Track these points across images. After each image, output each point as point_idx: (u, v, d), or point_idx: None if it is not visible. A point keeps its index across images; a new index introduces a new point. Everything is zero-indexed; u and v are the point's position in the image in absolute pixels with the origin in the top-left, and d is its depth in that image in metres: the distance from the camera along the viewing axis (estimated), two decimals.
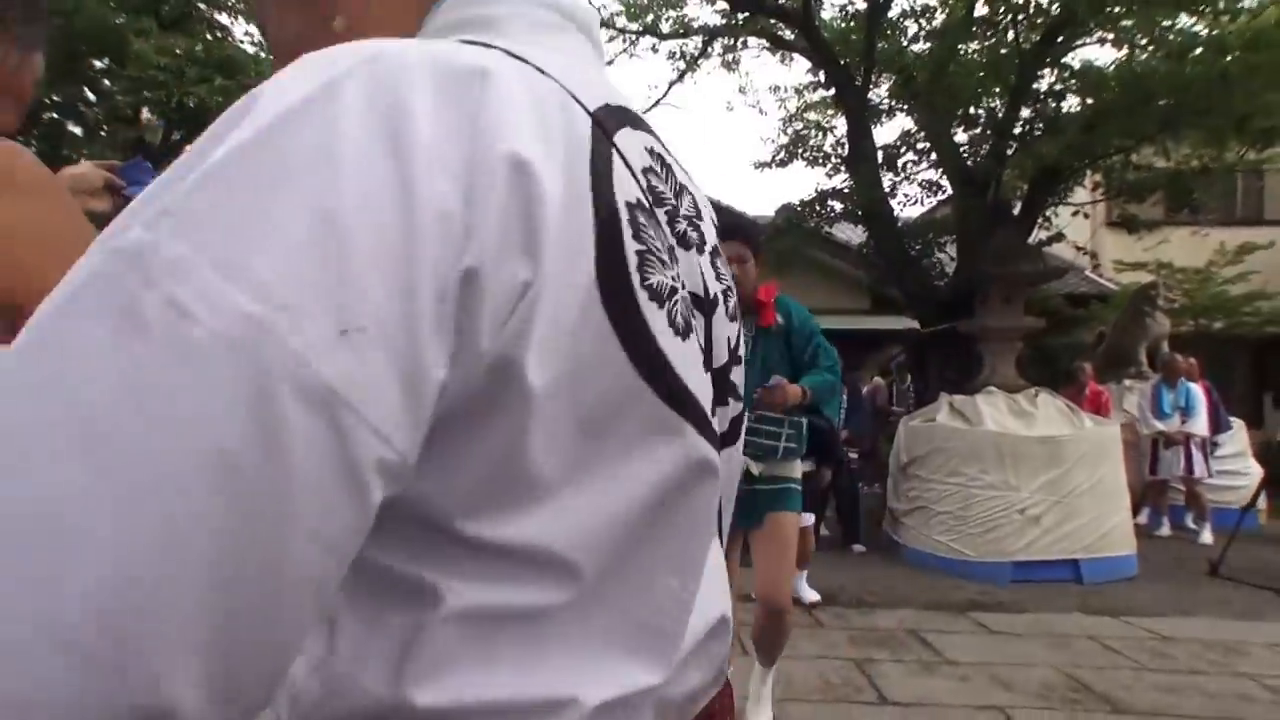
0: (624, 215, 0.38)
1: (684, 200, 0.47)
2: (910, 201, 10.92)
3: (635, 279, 0.38)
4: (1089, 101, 6.88)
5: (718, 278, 0.50)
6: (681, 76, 9.76)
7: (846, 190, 8.04)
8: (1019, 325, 6.19)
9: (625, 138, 0.42)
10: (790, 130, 8.87)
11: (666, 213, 0.44)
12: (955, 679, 3.33)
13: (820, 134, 8.76)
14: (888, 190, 7.80)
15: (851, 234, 9.39)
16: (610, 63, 9.80)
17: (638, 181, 0.41)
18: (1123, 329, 7.74)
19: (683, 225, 0.46)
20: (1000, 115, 7.12)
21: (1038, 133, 7.04)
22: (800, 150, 8.62)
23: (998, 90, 7.19)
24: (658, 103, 10.19)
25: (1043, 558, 5.05)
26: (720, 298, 0.50)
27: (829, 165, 8.36)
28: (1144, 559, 5.30)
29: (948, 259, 7.83)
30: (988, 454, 5.23)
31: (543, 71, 0.39)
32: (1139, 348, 7.59)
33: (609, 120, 0.41)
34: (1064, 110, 7.14)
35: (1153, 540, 6.23)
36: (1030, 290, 6.47)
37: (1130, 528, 5.36)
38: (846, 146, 7.95)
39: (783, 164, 8.65)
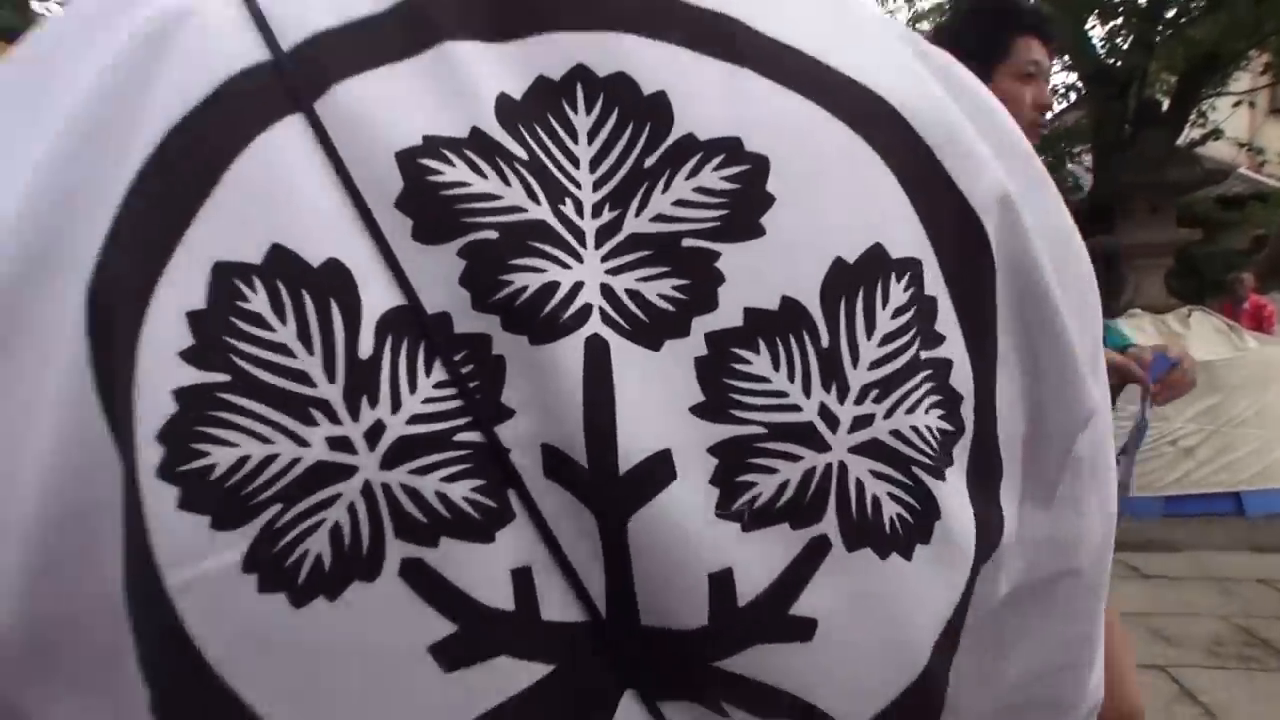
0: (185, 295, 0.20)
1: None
2: None
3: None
4: None
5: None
6: None
7: None
8: (1170, 239, 5.63)
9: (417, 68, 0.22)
10: None
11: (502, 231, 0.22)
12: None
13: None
14: None
15: None
16: None
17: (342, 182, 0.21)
18: None
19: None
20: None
21: (1195, 13, 6.14)
22: None
23: None
24: None
25: (1198, 491, 4.73)
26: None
27: None
28: None
29: (1082, 169, 7.15)
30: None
31: None
32: None
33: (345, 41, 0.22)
34: None
35: None
36: (1181, 198, 5.84)
37: None
38: None
39: None
